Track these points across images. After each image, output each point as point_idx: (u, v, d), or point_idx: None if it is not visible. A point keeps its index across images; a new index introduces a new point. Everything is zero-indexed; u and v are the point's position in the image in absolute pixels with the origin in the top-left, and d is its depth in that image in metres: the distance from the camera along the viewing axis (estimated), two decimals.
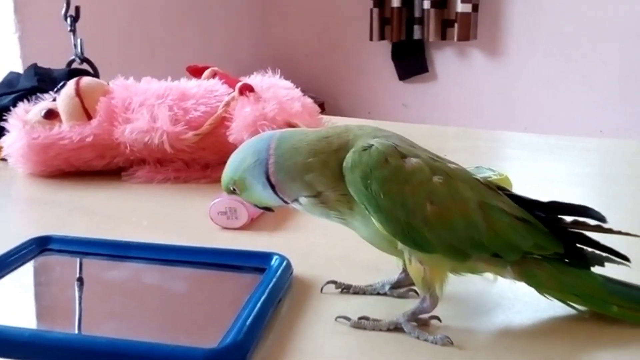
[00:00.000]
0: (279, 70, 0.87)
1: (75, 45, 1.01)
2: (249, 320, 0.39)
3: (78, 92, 0.78)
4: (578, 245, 0.42)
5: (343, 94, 3.27)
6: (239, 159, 0.44)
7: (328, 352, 0.39)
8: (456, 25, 2.82)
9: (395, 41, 3.03)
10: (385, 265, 0.48)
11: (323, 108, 2.96)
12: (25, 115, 0.80)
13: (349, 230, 0.44)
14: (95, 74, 0.99)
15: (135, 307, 0.45)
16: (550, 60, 2.78)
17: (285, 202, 0.43)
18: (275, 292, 0.44)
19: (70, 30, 1.02)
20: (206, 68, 0.86)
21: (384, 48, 3.11)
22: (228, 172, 0.44)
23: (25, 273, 0.48)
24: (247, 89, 0.76)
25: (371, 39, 3.01)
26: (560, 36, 2.74)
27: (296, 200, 0.43)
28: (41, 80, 0.94)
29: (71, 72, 0.97)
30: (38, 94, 0.86)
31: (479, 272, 0.43)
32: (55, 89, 0.83)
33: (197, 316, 0.44)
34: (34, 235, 0.52)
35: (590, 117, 2.72)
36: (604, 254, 0.42)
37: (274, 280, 0.44)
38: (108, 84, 0.82)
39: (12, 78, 1.00)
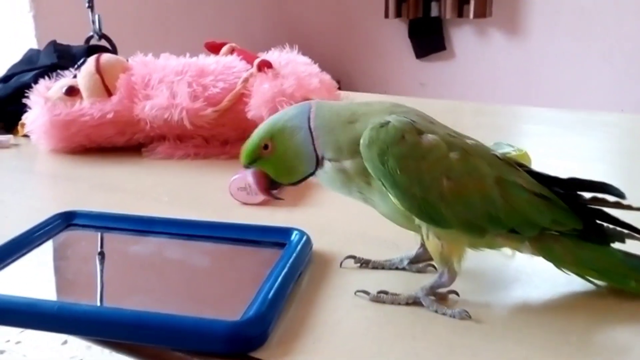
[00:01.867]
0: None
1: (93, 22, 1.02)
2: (271, 294, 0.39)
3: (98, 69, 0.79)
4: (597, 221, 0.42)
5: (359, 72, 3.26)
6: (279, 115, 0.45)
7: (347, 325, 0.39)
8: (472, 2, 2.77)
9: (412, 19, 3.00)
10: (404, 241, 0.48)
11: (339, 86, 2.94)
12: (47, 92, 0.81)
13: (368, 206, 0.44)
14: (114, 51, 1.00)
15: (159, 281, 0.46)
16: (570, 38, 2.74)
17: (316, 160, 0.43)
18: (296, 266, 0.44)
19: (89, 7, 1.03)
20: (224, 44, 0.87)
21: (401, 26, 3.08)
22: (264, 128, 0.44)
23: (51, 247, 0.49)
24: (265, 65, 0.77)
25: (387, 17, 2.98)
26: (580, 12, 2.69)
27: (322, 164, 0.43)
28: (61, 57, 0.95)
29: (90, 49, 0.98)
30: (58, 71, 0.87)
31: (497, 247, 0.43)
32: (76, 66, 0.84)
33: (219, 290, 0.45)
34: (57, 211, 0.53)
35: (611, 95, 2.68)
36: (625, 231, 0.42)
37: (294, 255, 0.45)
38: (127, 60, 0.82)
39: (32, 55, 1.01)
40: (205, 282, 0.46)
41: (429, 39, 3.03)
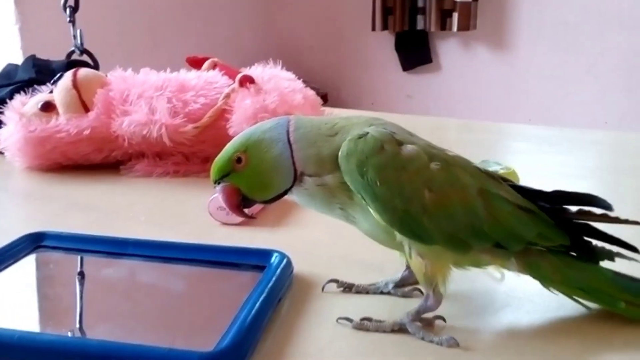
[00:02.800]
0: (281, 62, 0.86)
1: (74, 37, 1.00)
2: (247, 322, 0.37)
3: (75, 84, 0.77)
4: (585, 237, 0.40)
5: (346, 85, 3.26)
6: (254, 127, 0.42)
7: (330, 354, 0.37)
8: (455, 14, 2.79)
9: (398, 31, 3.01)
10: (389, 264, 0.46)
11: (326, 100, 2.93)
12: (22, 107, 0.79)
13: (351, 228, 0.42)
14: (95, 66, 0.97)
15: (131, 306, 0.44)
16: (554, 51, 2.76)
17: (294, 175, 0.40)
18: (275, 291, 0.42)
19: (70, 21, 1.01)
20: (206, 59, 0.85)
21: (387, 39, 3.09)
22: (238, 140, 0.41)
23: (18, 270, 0.47)
24: (247, 81, 0.75)
25: (374, 30, 2.99)
26: (564, 26, 2.71)
27: (301, 180, 0.40)
28: (39, 72, 0.93)
29: (70, 64, 0.95)
30: (35, 86, 0.84)
31: (482, 265, 0.41)
32: (52, 81, 0.82)
33: (194, 316, 0.43)
34: (30, 231, 0.50)
35: (595, 108, 2.70)
36: (615, 249, 0.41)
37: (274, 278, 0.43)
38: (106, 75, 0.80)
39: (10, 70, 0.99)
40: (180, 308, 0.44)
41: (415, 52, 3.04)
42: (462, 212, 0.38)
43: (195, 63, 0.85)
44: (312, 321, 0.41)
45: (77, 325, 0.41)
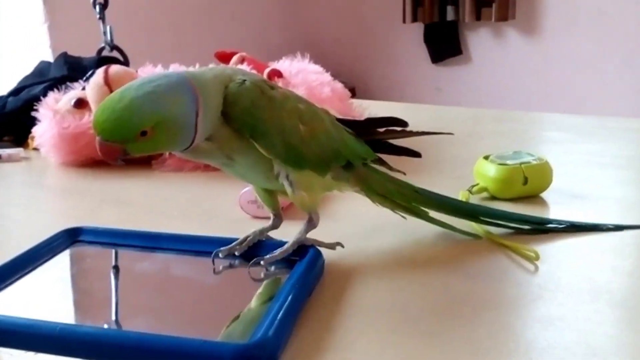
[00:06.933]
0: (309, 55, 0.86)
1: (104, 33, 1.01)
2: (280, 314, 0.37)
3: (107, 80, 0.78)
4: (379, 154, 0.52)
5: (374, 78, 3.24)
6: (160, 94, 0.39)
7: (361, 347, 0.37)
8: (494, 5, 2.75)
9: (428, 23, 2.98)
10: (420, 255, 0.46)
11: (354, 93, 2.92)
12: (56, 104, 0.81)
13: (384, 220, 0.45)
14: (125, 62, 0.99)
15: (166, 299, 0.45)
16: (591, 41, 2.70)
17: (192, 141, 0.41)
18: (307, 284, 0.42)
19: (100, 18, 1.02)
20: (234, 53, 0.85)
21: (416, 30, 3.06)
22: (145, 112, 0.39)
23: (56, 265, 0.48)
24: (275, 75, 0.75)
25: (404, 21, 2.97)
26: (601, 15, 2.65)
27: (197, 143, 0.42)
28: (71, 69, 0.95)
29: (101, 60, 0.97)
30: (68, 83, 0.86)
31: (342, 189, 0.50)
32: (85, 78, 0.83)
33: (228, 309, 0.43)
34: (66, 226, 0.51)
35: (632, 99, 2.64)
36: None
37: (306, 271, 0.43)
38: (136, 71, 0.81)
39: (43, 67, 1.01)
40: (213, 301, 0.44)
41: (445, 44, 3.01)
42: (325, 139, 0.47)
43: (224, 57, 0.86)
44: (344, 312, 0.41)
45: (113, 318, 0.42)
